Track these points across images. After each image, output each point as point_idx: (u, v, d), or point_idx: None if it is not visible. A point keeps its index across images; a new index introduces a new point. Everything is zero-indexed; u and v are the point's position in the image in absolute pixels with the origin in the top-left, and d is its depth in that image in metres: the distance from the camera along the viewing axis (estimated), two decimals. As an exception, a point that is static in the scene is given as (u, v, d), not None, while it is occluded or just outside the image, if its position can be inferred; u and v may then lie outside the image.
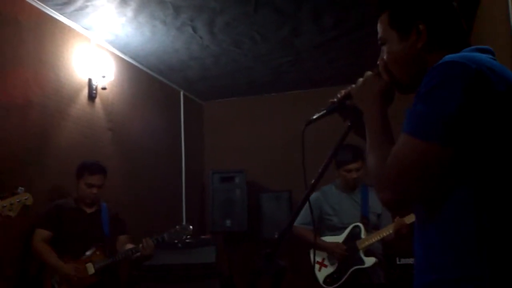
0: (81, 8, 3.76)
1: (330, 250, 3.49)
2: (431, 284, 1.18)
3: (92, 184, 3.42)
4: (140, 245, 3.36)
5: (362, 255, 3.45)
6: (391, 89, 1.37)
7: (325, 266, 3.53)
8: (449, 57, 1.16)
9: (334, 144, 1.48)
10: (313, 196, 3.59)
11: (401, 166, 1.14)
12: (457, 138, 1.09)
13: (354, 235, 3.51)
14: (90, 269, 3.26)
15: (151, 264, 4.40)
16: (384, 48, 1.37)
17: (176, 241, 3.55)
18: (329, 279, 3.47)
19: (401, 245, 3.79)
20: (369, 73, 1.41)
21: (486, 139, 1.10)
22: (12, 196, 2.67)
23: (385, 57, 1.36)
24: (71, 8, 3.75)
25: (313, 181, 1.47)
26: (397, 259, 4.39)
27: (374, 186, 1.23)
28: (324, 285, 3.47)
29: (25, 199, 2.72)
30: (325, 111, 1.48)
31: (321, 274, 3.52)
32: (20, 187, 2.74)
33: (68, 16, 3.89)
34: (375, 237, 3.46)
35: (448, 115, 1.08)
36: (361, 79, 1.41)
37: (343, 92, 1.46)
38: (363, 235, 3.49)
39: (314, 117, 1.49)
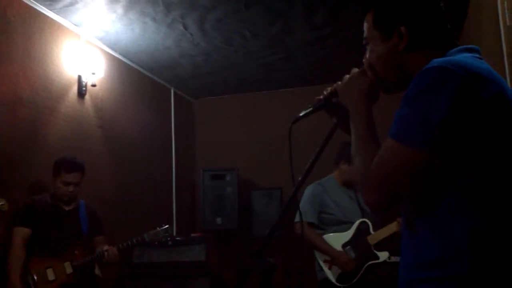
0: (71, 4, 3.73)
1: (340, 263, 3.41)
2: (418, 281, 1.19)
3: (69, 182, 3.32)
4: (105, 252, 3.29)
5: (374, 250, 3.46)
6: (376, 87, 1.38)
7: (336, 264, 3.47)
8: (437, 61, 1.15)
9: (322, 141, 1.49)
10: (313, 189, 3.62)
11: (385, 170, 1.16)
12: (441, 145, 1.09)
13: (362, 231, 3.50)
14: (68, 268, 3.21)
15: (141, 262, 4.40)
16: (368, 47, 1.38)
17: (156, 242, 3.53)
18: (344, 276, 3.41)
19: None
20: (355, 70, 1.41)
21: (474, 145, 1.10)
22: None
23: (367, 56, 1.37)
24: (61, 4, 3.72)
25: (300, 178, 1.48)
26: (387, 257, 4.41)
27: (360, 188, 1.24)
28: (338, 284, 3.41)
29: (1, 204, 2.72)
30: (311, 108, 1.49)
31: (333, 272, 3.45)
32: None
33: (58, 12, 3.85)
34: (386, 232, 3.46)
35: (433, 122, 1.08)
36: (347, 76, 1.42)
37: (329, 89, 1.46)
38: (371, 230, 3.49)
39: (301, 114, 1.49)
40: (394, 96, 1.39)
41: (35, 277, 3.12)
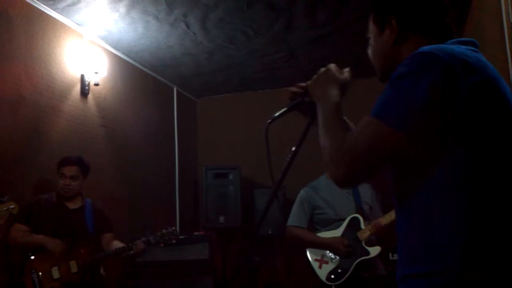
0: (73, 4, 3.74)
1: (333, 247, 3.38)
2: (407, 277, 1.20)
3: (65, 174, 3.37)
4: (134, 246, 3.35)
5: (365, 246, 3.38)
6: (345, 83, 1.42)
7: (326, 262, 3.40)
8: (424, 48, 1.18)
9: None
10: (304, 192, 3.60)
11: (361, 145, 1.16)
12: (418, 127, 1.10)
13: (353, 227, 3.42)
14: (73, 267, 3.22)
15: (145, 261, 4.40)
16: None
17: (161, 245, 3.54)
18: (333, 275, 3.34)
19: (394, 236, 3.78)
20: (321, 69, 1.47)
21: (454, 131, 1.11)
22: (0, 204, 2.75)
23: (368, 50, 1.44)
24: (63, 3, 3.72)
25: (279, 177, 1.50)
26: (390, 254, 4.40)
27: (327, 161, 1.22)
28: (327, 282, 3.33)
29: (12, 208, 2.78)
30: (286, 108, 1.55)
31: (323, 271, 3.38)
32: (6, 196, 2.80)
33: (60, 12, 3.86)
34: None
35: (414, 105, 1.10)
36: (315, 76, 1.47)
37: (299, 86, 1.53)
38: (362, 225, 3.41)
39: (276, 114, 1.56)
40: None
41: (40, 274, 3.15)
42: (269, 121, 1.54)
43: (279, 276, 5.32)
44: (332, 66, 1.45)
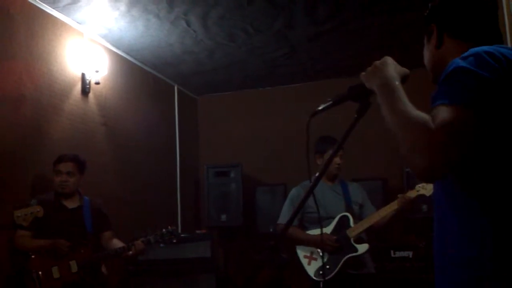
0: (74, 2, 3.73)
1: (321, 243, 3.37)
2: (445, 266, 1.28)
3: (61, 171, 3.37)
4: (132, 246, 3.35)
5: (353, 243, 3.41)
6: (405, 74, 1.36)
7: (315, 259, 3.45)
8: (474, 48, 1.22)
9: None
10: (295, 191, 3.67)
11: (449, 131, 1.09)
12: (489, 106, 1.13)
13: (342, 225, 3.48)
14: (74, 267, 3.21)
15: (147, 259, 4.40)
16: None
17: (161, 244, 3.54)
18: (321, 271, 3.39)
19: (387, 231, 3.82)
20: (376, 62, 1.41)
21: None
22: (26, 207, 2.87)
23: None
24: (64, 2, 3.72)
25: (317, 174, 1.49)
26: (392, 252, 4.40)
27: (416, 148, 1.12)
28: (315, 278, 3.38)
29: (37, 211, 2.89)
30: (331, 102, 1.46)
31: (312, 267, 3.43)
32: (33, 199, 2.94)
33: (61, 10, 3.86)
34: (365, 224, 3.44)
35: (481, 84, 1.12)
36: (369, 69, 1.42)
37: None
38: (351, 224, 3.46)
39: (320, 108, 1.47)
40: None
41: (40, 274, 3.14)
42: (312, 114, 1.46)
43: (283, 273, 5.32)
44: (389, 58, 1.39)
